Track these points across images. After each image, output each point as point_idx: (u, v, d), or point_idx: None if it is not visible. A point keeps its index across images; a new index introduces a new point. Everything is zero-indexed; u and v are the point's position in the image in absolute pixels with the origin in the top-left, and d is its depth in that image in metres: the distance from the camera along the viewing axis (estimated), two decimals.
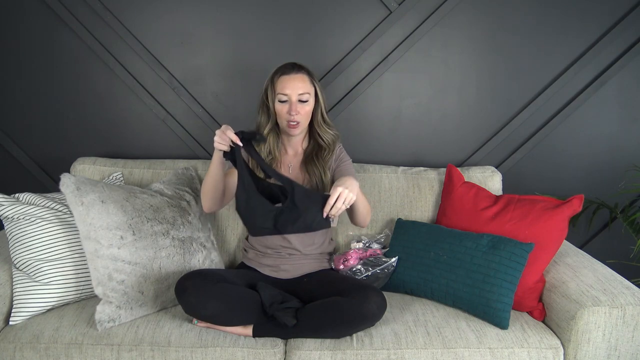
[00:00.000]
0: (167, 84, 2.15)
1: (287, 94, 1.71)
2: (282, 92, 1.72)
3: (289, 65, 1.76)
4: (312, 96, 1.75)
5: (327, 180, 1.80)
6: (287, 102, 1.72)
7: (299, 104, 1.72)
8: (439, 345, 1.53)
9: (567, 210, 1.74)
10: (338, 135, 1.85)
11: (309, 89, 1.73)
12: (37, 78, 2.13)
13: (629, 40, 2.14)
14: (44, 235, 1.66)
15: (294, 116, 1.71)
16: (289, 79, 1.72)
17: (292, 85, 1.71)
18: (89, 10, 2.07)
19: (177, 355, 1.51)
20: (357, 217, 1.70)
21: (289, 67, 1.75)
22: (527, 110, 2.19)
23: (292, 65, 1.75)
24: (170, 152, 2.18)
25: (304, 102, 1.73)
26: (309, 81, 1.75)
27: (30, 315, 1.61)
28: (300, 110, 1.72)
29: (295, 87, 1.71)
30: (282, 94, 1.72)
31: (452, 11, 2.11)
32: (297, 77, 1.73)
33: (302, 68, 1.76)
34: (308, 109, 1.75)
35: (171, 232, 1.70)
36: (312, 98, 1.75)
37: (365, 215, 1.71)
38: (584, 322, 1.52)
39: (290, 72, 1.74)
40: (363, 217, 1.71)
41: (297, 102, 1.72)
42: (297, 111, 1.71)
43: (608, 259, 2.17)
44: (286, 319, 1.53)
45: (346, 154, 1.86)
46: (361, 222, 1.73)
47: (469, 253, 1.69)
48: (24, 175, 2.22)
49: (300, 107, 1.72)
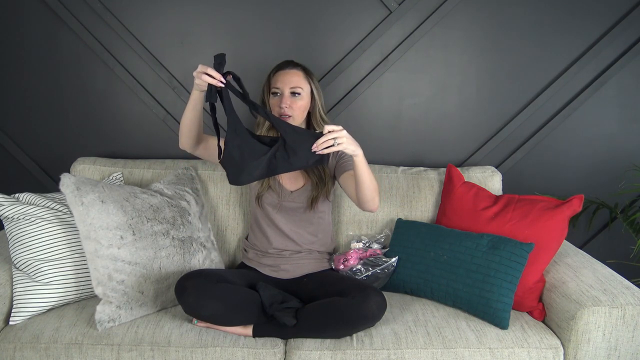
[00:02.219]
0: (167, 84, 2.15)
1: (279, 87, 1.74)
2: (274, 86, 1.75)
3: (285, 62, 1.80)
4: (305, 92, 1.76)
5: (326, 177, 1.80)
6: (279, 94, 1.74)
7: (291, 97, 1.74)
8: (439, 345, 1.53)
9: (567, 210, 1.74)
10: None
11: (302, 84, 1.75)
12: (37, 78, 2.13)
13: (629, 40, 2.14)
14: (44, 235, 1.66)
15: (285, 109, 1.72)
16: (283, 73, 1.76)
17: (285, 79, 1.74)
18: (89, 10, 2.07)
19: (177, 355, 1.51)
20: (363, 191, 1.58)
21: (285, 63, 1.79)
22: (527, 110, 2.19)
23: (288, 62, 1.80)
24: (170, 152, 2.17)
25: (297, 94, 1.74)
26: (303, 77, 1.77)
27: (30, 315, 1.61)
28: (292, 104, 1.73)
29: (287, 80, 1.74)
30: (274, 87, 1.75)
31: (452, 11, 2.11)
32: (291, 72, 1.76)
33: (297, 65, 1.79)
34: (301, 104, 1.75)
35: (171, 232, 1.70)
36: (305, 93, 1.76)
37: (372, 191, 1.59)
38: (584, 322, 1.52)
39: (286, 67, 1.78)
40: (370, 193, 1.59)
41: (289, 96, 1.73)
42: (287, 104, 1.72)
43: (608, 259, 2.17)
44: (286, 319, 1.53)
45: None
46: (369, 201, 1.60)
47: (469, 253, 1.69)
48: (24, 175, 2.22)
49: (292, 100, 1.73)
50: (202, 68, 1.47)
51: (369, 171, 1.57)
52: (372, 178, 1.59)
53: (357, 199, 1.65)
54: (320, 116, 1.82)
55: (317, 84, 1.80)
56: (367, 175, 1.56)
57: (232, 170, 1.51)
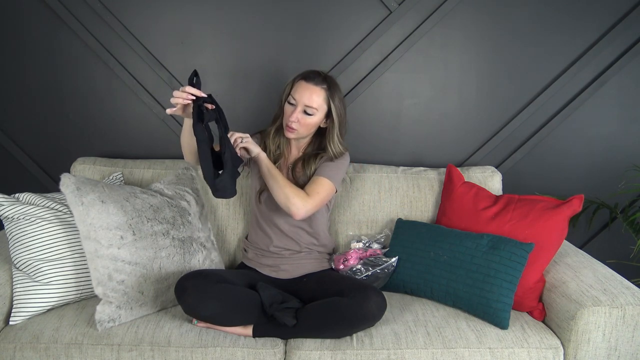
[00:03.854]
0: (167, 84, 2.15)
1: (296, 99, 1.72)
2: (293, 95, 1.73)
3: (314, 72, 1.75)
4: (320, 112, 1.74)
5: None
6: (294, 105, 1.72)
7: (301, 114, 1.72)
8: (439, 345, 1.53)
9: (567, 210, 1.74)
10: (345, 150, 1.83)
11: (319, 104, 1.72)
12: (37, 78, 2.13)
13: (629, 40, 2.14)
14: (44, 235, 1.66)
15: (292, 123, 1.72)
16: (306, 86, 1.72)
17: (304, 94, 1.71)
18: (89, 10, 2.07)
19: (177, 355, 1.51)
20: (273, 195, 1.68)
21: (314, 74, 1.74)
22: (527, 110, 2.19)
23: (317, 74, 1.75)
24: (170, 152, 2.18)
25: (309, 115, 1.72)
26: (324, 98, 1.73)
27: (30, 315, 1.61)
28: (300, 120, 1.72)
29: (305, 96, 1.71)
30: (292, 97, 1.73)
31: (452, 11, 2.11)
32: (314, 89, 1.72)
33: (325, 81, 1.74)
34: (309, 122, 1.74)
35: (171, 232, 1.70)
36: (320, 114, 1.74)
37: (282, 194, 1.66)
38: (584, 322, 1.52)
39: (311, 80, 1.73)
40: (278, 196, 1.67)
41: (301, 111, 1.72)
42: (297, 118, 1.71)
43: (608, 259, 2.17)
44: (286, 319, 1.54)
45: (342, 159, 1.81)
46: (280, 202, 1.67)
47: (469, 253, 1.69)
48: (24, 175, 2.22)
49: (302, 116, 1.72)
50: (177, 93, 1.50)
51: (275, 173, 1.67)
52: (279, 181, 1.66)
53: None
54: (338, 137, 1.77)
55: (339, 103, 1.75)
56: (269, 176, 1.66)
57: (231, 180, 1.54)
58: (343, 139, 1.82)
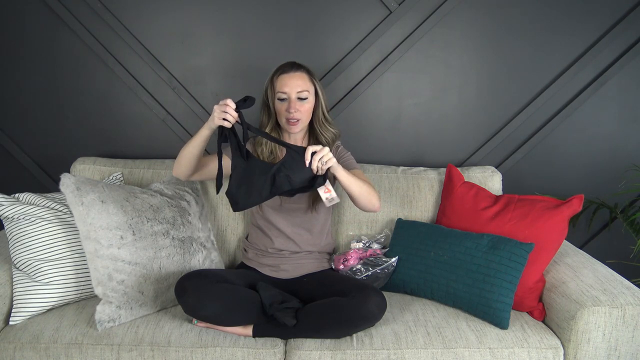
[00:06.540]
0: (167, 84, 2.15)
1: (286, 92, 1.72)
2: (281, 91, 1.72)
3: (288, 64, 1.76)
4: (311, 94, 1.75)
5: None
6: (286, 100, 1.72)
7: (298, 102, 1.72)
8: (439, 345, 1.53)
9: (567, 210, 1.74)
10: (339, 134, 1.85)
11: (308, 86, 1.74)
12: (37, 78, 2.13)
13: (629, 40, 2.14)
14: (44, 235, 1.66)
15: (293, 113, 1.71)
16: (288, 77, 1.73)
17: (291, 83, 1.72)
18: (89, 10, 2.07)
19: (177, 355, 1.51)
20: (356, 200, 1.65)
21: (288, 65, 1.76)
22: (527, 110, 2.19)
23: (292, 64, 1.76)
24: (170, 152, 2.17)
25: (303, 99, 1.73)
26: (308, 79, 1.75)
27: (30, 315, 1.61)
28: (300, 108, 1.72)
29: (294, 85, 1.71)
30: (281, 92, 1.72)
31: (452, 11, 2.11)
32: (296, 75, 1.73)
33: (301, 66, 1.76)
34: (308, 107, 1.75)
35: (171, 232, 1.70)
36: (311, 96, 1.75)
37: (366, 195, 1.64)
38: (584, 322, 1.52)
39: (289, 70, 1.74)
40: (363, 200, 1.64)
41: (296, 100, 1.72)
42: (296, 108, 1.71)
43: (608, 259, 2.17)
44: (286, 319, 1.53)
45: (344, 149, 1.86)
46: (366, 206, 1.66)
47: (469, 253, 1.69)
48: (24, 175, 2.22)
49: (300, 104, 1.72)
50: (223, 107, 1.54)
51: (354, 179, 1.61)
52: (359, 183, 1.63)
53: (355, 203, 1.69)
54: (323, 115, 1.80)
55: (319, 83, 1.79)
56: (351, 181, 1.60)
57: (242, 191, 1.56)
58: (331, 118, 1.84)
